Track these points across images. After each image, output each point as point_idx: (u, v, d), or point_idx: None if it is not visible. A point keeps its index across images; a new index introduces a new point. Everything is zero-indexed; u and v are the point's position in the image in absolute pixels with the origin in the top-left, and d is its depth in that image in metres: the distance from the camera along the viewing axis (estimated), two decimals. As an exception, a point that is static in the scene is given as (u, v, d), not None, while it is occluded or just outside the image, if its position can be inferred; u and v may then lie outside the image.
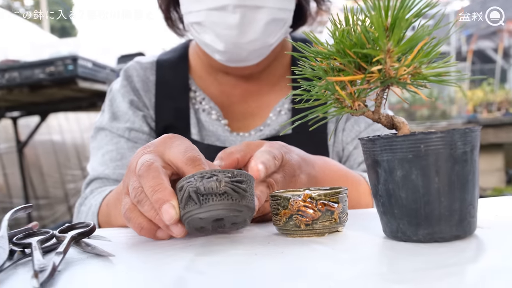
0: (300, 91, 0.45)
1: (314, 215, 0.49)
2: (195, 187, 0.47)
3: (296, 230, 0.50)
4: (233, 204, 0.47)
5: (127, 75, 0.94)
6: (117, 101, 0.93)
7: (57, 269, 0.39)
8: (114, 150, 0.88)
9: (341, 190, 0.50)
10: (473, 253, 0.39)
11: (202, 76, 0.94)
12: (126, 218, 0.52)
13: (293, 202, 0.49)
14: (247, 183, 0.49)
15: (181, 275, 0.38)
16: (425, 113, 5.00)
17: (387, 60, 0.40)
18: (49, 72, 2.19)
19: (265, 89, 0.93)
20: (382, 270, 0.36)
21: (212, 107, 0.90)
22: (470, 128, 0.42)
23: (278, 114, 0.90)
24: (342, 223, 0.50)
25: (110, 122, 0.91)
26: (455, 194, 0.41)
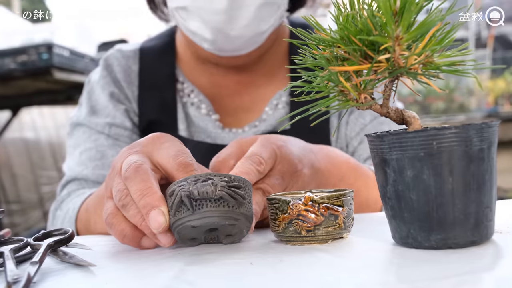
0: (300, 83, 0.45)
1: (316, 220, 0.49)
2: (188, 191, 0.47)
3: (296, 237, 0.50)
4: (230, 212, 0.48)
5: (107, 65, 0.94)
6: (96, 94, 0.92)
7: (32, 280, 0.39)
8: (93, 148, 0.88)
9: (346, 192, 0.51)
10: (490, 260, 0.39)
11: (191, 65, 0.94)
12: (107, 224, 0.52)
13: (293, 206, 0.49)
14: (245, 189, 0.49)
15: (169, 286, 0.38)
16: (441, 106, 5.02)
17: (396, 48, 0.40)
18: (21, 61, 2.18)
19: (260, 80, 0.93)
20: (390, 279, 0.37)
21: (201, 100, 0.90)
22: (487, 123, 0.42)
23: (275, 108, 0.90)
24: (347, 228, 0.51)
25: (88, 117, 0.91)
26: (470, 195, 0.42)
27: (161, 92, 0.91)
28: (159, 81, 0.92)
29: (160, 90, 0.91)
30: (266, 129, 0.88)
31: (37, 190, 3.55)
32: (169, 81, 0.92)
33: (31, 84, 2.42)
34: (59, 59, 2.24)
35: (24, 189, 3.46)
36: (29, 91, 2.62)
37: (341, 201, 0.50)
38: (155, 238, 0.51)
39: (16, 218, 3.28)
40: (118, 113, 0.90)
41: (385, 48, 0.41)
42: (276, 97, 0.91)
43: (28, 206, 3.44)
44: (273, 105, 0.90)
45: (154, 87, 0.92)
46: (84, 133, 0.90)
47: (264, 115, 0.90)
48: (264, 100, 0.92)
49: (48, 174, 3.65)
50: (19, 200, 3.40)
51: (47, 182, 3.61)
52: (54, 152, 3.71)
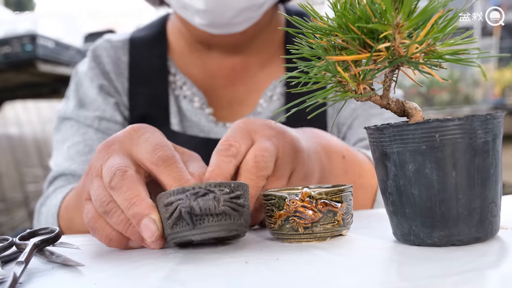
0: (296, 73, 0.45)
1: (314, 217, 0.49)
2: (189, 207, 0.47)
3: (293, 234, 0.50)
4: (231, 224, 0.48)
5: (95, 56, 0.94)
6: (84, 86, 0.92)
7: (18, 280, 0.39)
8: (82, 142, 0.88)
9: (345, 188, 0.51)
10: (495, 257, 0.40)
11: (183, 55, 0.94)
12: (90, 228, 0.53)
13: (289, 202, 0.50)
14: (244, 195, 0.50)
15: (160, 286, 0.38)
16: (445, 98, 5.03)
17: (396, 36, 0.41)
18: (3, 53, 2.18)
19: (254, 69, 0.93)
20: (390, 277, 0.37)
21: (194, 93, 0.90)
22: (492, 114, 0.43)
23: (270, 100, 0.90)
24: (346, 225, 0.51)
25: (76, 110, 0.91)
26: (475, 190, 0.42)
27: (152, 84, 0.91)
28: (150, 73, 0.92)
29: (151, 82, 0.91)
30: None
31: (22, 189, 3.54)
32: (161, 73, 0.92)
33: (14, 77, 2.41)
34: (44, 51, 2.23)
35: (8, 188, 3.45)
36: (12, 84, 2.62)
37: (339, 197, 0.50)
38: (144, 242, 0.51)
39: (0, 218, 3.27)
40: (108, 107, 0.90)
41: (385, 37, 0.41)
42: (270, 88, 0.91)
43: (12, 205, 3.43)
44: (268, 97, 0.91)
45: (145, 79, 0.92)
46: (72, 127, 0.90)
47: (258, 108, 0.90)
48: (258, 92, 0.92)
49: (33, 172, 3.63)
50: (3, 199, 3.39)
51: (33, 181, 3.60)
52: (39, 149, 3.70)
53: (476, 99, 5.06)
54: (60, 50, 2.38)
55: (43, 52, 2.22)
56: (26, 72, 2.32)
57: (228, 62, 0.93)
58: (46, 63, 2.28)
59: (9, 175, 3.48)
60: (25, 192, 3.56)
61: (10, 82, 2.56)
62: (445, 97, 5.05)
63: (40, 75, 2.39)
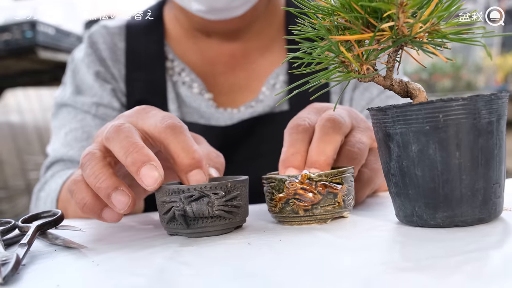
0: (300, 54, 0.45)
1: (313, 199, 0.49)
2: (182, 210, 0.47)
3: (294, 217, 0.50)
4: (226, 224, 0.49)
5: (91, 42, 0.93)
6: (80, 73, 0.92)
7: (21, 262, 0.39)
8: (79, 128, 0.88)
9: (346, 170, 0.51)
10: (498, 238, 0.40)
11: (181, 41, 0.93)
12: (69, 191, 0.52)
13: (289, 185, 0.49)
14: (241, 195, 0.49)
15: (164, 267, 0.38)
16: (447, 84, 5.01)
17: (400, 15, 0.40)
18: (3, 40, 2.17)
19: (254, 55, 0.93)
20: (393, 258, 0.37)
21: (193, 79, 0.90)
22: (496, 94, 0.42)
23: (272, 88, 0.90)
24: (347, 207, 0.51)
25: (73, 96, 0.90)
26: (478, 171, 0.42)
27: (149, 70, 0.90)
28: (147, 59, 0.91)
29: (148, 68, 0.91)
30: (263, 110, 0.88)
31: (24, 176, 3.55)
32: (158, 59, 0.91)
33: (15, 64, 2.41)
34: (44, 37, 2.23)
35: (11, 175, 3.46)
36: (13, 71, 2.61)
37: (340, 178, 0.50)
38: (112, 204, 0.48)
39: (2, 206, 3.28)
40: (105, 93, 0.89)
41: (389, 16, 0.41)
42: (273, 76, 0.90)
43: (14, 193, 3.44)
44: (270, 84, 0.90)
45: (141, 65, 0.91)
46: (69, 113, 0.90)
47: (261, 96, 0.89)
48: (260, 78, 0.91)
49: (35, 160, 3.64)
50: (5, 186, 3.40)
51: (34, 168, 3.61)
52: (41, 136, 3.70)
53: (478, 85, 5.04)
54: (61, 36, 2.38)
55: (44, 39, 2.22)
56: (26, 59, 2.32)
57: (227, 48, 0.92)
58: (47, 49, 2.28)
59: (10, 163, 3.49)
60: (27, 179, 3.57)
61: (10, 70, 2.56)
62: (447, 83, 5.03)
63: (41, 62, 2.39)
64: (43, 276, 0.39)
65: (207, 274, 0.36)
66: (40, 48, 2.22)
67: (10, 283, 0.36)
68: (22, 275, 0.39)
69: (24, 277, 0.38)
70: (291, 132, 0.55)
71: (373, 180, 0.57)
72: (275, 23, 0.94)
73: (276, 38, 0.94)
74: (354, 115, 0.59)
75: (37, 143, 3.71)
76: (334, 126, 0.54)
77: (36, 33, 2.18)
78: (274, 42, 0.93)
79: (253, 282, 0.33)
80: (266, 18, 0.93)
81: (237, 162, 0.85)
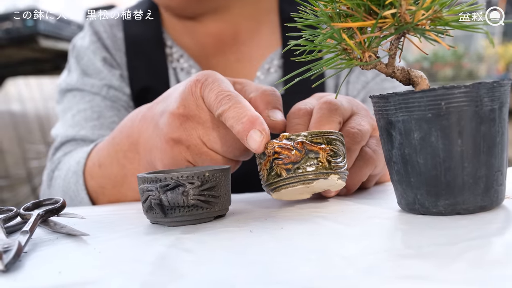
0: (301, 41, 0.45)
1: (292, 156, 0.48)
2: (158, 199, 0.47)
3: (279, 181, 0.49)
4: (204, 214, 0.49)
5: (94, 31, 0.93)
6: (85, 59, 0.92)
7: (23, 249, 0.39)
8: (88, 108, 0.86)
9: (329, 131, 0.50)
10: (500, 226, 0.39)
11: (175, 26, 0.93)
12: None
13: (268, 146, 0.49)
14: (220, 184, 0.49)
15: (165, 254, 0.38)
16: (449, 73, 5.00)
17: (402, 2, 0.40)
18: (4, 29, 2.16)
19: (243, 36, 0.92)
20: (395, 245, 0.37)
21: (191, 65, 0.90)
22: (498, 82, 0.42)
23: (267, 72, 0.89)
24: (334, 170, 0.49)
25: (80, 79, 0.90)
26: (480, 158, 0.42)
27: (150, 58, 0.91)
28: (147, 47, 0.91)
29: (148, 55, 0.91)
30: None
31: (25, 165, 3.56)
32: (157, 46, 0.91)
33: (16, 53, 2.40)
34: (45, 26, 2.22)
35: (12, 164, 3.46)
36: (14, 60, 2.61)
37: (322, 138, 0.49)
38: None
39: (4, 194, 3.29)
40: (114, 78, 0.89)
41: (391, 3, 0.40)
42: (267, 61, 0.90)
43: (16, 182, 3.45)
44: (265, 69, 0.90)
45: (142, 53, 0.91)
46: (75, 97, 0.89)
47: (256, 80, 0.89)
48: (252, 62, 0.91)
49: (36, 148, 3.65)
50: (7, 175, 3.41)
51: (36, 157, 3.62)
52: (42, 125, 3.70)
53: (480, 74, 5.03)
54: (62, 25, 2.37)
55: (45, 28, 2.21)
56: (27, 48, 2.31)
57: (215, 29, 0.91)
58: (48, 38, 2.27)
59: (12, 152, 3.49)
60: (28, 168, 3.58)
61: (12, 58, 2.55)
62: (448, 72, 5.02)
63: (42, 50, 2.39)
64: (45, 264, 0.39)
65: (208, 261, 0.36)
66: (41, 36, 2.22)
67: (12, 271, 0.37)
68: (24, 263, 0.39)
69: (26, 265, 0.38)
70: (293, 116, 0.56)
71: (374, 161, 0.57)
72: (267, 6, 0.94)
73: (266, 19, 0.93)
74: (355, 103, 0.59)
75: (38, 132, 3.71)
76: (330, 108, 0.54)
77: (37, 22, 2.17)
78: (265, 23, 0.93)
79: (255, 269, 0.33)
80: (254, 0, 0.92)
81: None
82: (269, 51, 0.91)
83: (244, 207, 0.56)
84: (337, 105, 0.55)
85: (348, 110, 0.57)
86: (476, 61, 5.16)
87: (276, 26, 0.93)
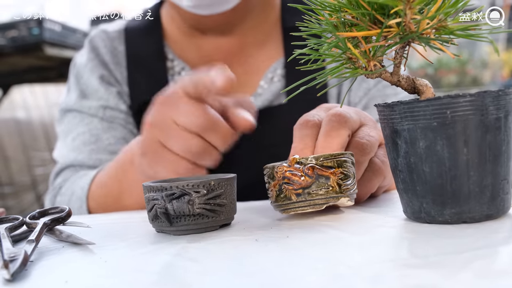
0: (306, 50, 0.45)
1: (301, 182, 0.48)
2: (164, 208, 0.47)
3: (288, 204, 0.50)
4: (210, 223, 0.49)
5: (93, 47, 0.94)
6: (84, 78, 0.92)
7: (29, 258, 0.39)
8: (87, 132, 0.88)
9: (339, 153, 0.50)
10: (507, 235, 0.39)
11: (179, 40, 0.94)
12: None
13: (278, 169, 0.49)
14: (226, 193, 0.49)
15: (171, 263, 0.38)
16: (453, 79, 4.99)
17: (407, 11, 0.40)
18: (10, 37, 2.17)
19: (251, 49, 0.93)
20: (401, 254, 0.37)
21: None
22: (504, 90, 0.42)
23: (271, 81, 0.90)
24: (344, 192, 0.49)
25: (79, 101, 0.91)
26: (486, 167, 0.42)
27: (151, 71, 0.91)
28: (148, 60, 0.92)
29: (149, 69, 0.91)
30: (262, 104, 0.88)
31: (30, 172, 3.56)
32: (158, 59, 0.91)
33: (21, 61, 2.41)
34: (51, 34, 2.23)
35: (17, 171, 3.47)
36: (20, 68, 2.62)
37: (332, 161, 0.49)
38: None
39: (9, 201, 3.30)
40: (110, 96, 0.90)
41: (396, 12, 0.41)
42: (270, 70, 0.90)
43: (20, 189, 3.45)
44: (268, 78, 0.90)
45: (143, 67, 0.92)
46: (75, 118, 0.90)
47: (259, 90, 0.89)
48: (257, 73, 0.91)
49: (41, 156, 3.65)
50: (12, 182, 3.41)
51: (40, 164, 3.62)
52: (47, 133, 3.71)
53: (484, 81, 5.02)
54: (67, 33, 2.38)
55: (50, 36, 2.22)
56: (33, 56, 2.32)
57: (224, 43, 0.92)
58: (53, 46, 2.28)
59: (17, 159, 3.50)
60: (33, 175, 3.58)
61: (17, 66, 2.56)
62: (452, 79, 5.01)
63: (47, 58, 2.40)
64: (51, 273, 0.39)
65: (214, 270, 0.36)
66: (46, 44, 2.23)
67: (18, 280, 0.37)
68: (30, 272, 0.39)
69: (32, 274, 0.38)
70: (300, 128, 0.55)
71: (383, 172, 0.57)
72: (271, 17, 0.94)
73: (272, 32, 0.93)
74: (363, 114, 0.59)
75: (43, 139, 3.72)
76: (340, 120, 0.54)
77: (42, 30, 2.18)
78: (270, 36, 0.93)
79: (261, 279, 0.33)
80: (261, 13, 0.92)
81: (236, 156, 0.86)
82: (272, 61, 0.91)
83: (250, 216, 0.56)
84: (346, 117, 0.54)
85: (357, 121, 0.57)
86: (480, 68, 5.15)
87: (278, 36, 0.93)
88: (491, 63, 5.06)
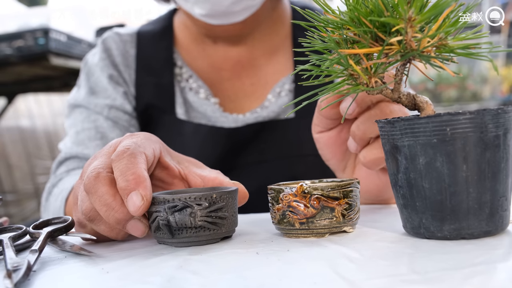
0: (308, 66, 0.45)
1: (306, 213, 0.48)
2: (166, 220, 0.47)
3: (291, 229, 0.50)
4: (211, 235, 0.49)
5: (106, 48, 0.95)
6: (95, 76, 0.94)
7: (32, 268, 0.39)
8: (93, 128, 0.89)
9: (346, 183, 0.49)
10: (505, 251, 0.39)
11: (189, 48, 0.95)
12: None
13: (283, 197, 0.49)
14: (227, 206, 0.49)
15: (172, 275, 0.38)
16: (453, 94, 5.00)
17: (408, 30, 0.40)
18: (16, 47, 2.18)
19: (260, 61, 0.94)
20: (401, 270, 0.37)
21: (200, 85, 0.91)
22: (503, 108, 0.42)
23: (278, 96, 0.91)
24: (347, 222, 0.49)
25: (87, 97, 0.92)
26: (485, 184, 0.42)
27: (158, 75, 0.92)
28: (157, 65, 0.93)
29: (157, 73, 0.93)
30: (268, 115, 0.89)
31: (33, 181, 3.57)
32: (167, 65, 0.93)
33: (27, 70, 2.42)
34: (56, 44, 2.24)
35: (20, 179, 3.47)
36: (25, 77, 2.63)
37: (339, 192, 0.49)
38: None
39: (11, 209, 3.30)
40: (118, 95, 0.91)
41: (397, 30, 0.41)
42: (279, 85, 0.91)
43: (23, 197, 3.45)
44: (276, 92, 0.91)
45: (151, 70, 0.93)
46: (81, 114, 0.92)
47: (266, 103, 0.90)
48: (265, 86, 0.92)
49: (44, 164, 3.66)
50: (15, 190, 3.41)
51: (43, 172, 3.62)
52: (50, 141, 3.72)
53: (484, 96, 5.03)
54: (72, 44, 2.39)
55: (56, 46, 2.23)
56: (38, 65, 2.33)
57: (233, 53, 0.93)
58: (58, 56, 2.29)
59: (20, 167, 3.50)
60: (36, 183, 3.58)
61: (23, 75, 2.57)
62: (452, 93, 5.02)
63: (52, 68, 2.40)
64: (54, 282, 0.39)
65: (215, 283, 0.36)
66: (52, 54, 2.24)
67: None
68: (33, 281, 0.39)
69: (34, 283, 0.38)
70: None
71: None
72: (281, 31, 0.95)
73: (282, 46, 0.95)
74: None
75: (46, 148, 3.72)
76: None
77: (48, 40, 2.19)
78: (280, 50, 0.94)
79: (261, 292, 0.33)
80: (270, 25, 0.94)
81: (241, 167, 0.86)
82: (281, 75, 0.92)
83: (251, 229, 0.56)
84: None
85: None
86: (480, 83, 5.17)
87: (289, 52, 0.94)
88: (491, 79, 5.07)
